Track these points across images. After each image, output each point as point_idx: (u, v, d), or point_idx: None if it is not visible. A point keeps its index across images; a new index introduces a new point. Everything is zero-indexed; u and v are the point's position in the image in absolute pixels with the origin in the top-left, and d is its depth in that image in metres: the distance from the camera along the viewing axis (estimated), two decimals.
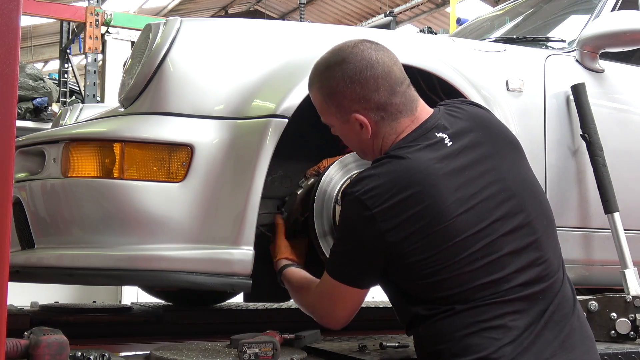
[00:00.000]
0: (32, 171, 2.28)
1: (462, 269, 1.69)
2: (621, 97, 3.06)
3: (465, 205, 1.70)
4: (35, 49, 17.50)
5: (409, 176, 1.70)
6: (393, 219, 1.68)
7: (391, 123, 1.82)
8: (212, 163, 2.10)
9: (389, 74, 1.80)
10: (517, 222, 1.76)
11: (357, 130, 1.85)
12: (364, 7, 17.35)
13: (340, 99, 1.82)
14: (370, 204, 1.69)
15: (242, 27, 2.38)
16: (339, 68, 1.81)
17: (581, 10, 3.39)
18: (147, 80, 2.17)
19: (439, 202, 1.68)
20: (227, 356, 2.02)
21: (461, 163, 1.74)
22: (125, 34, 8.17)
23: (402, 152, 1.75)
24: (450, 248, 1.68)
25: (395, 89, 1.81)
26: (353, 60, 1.80)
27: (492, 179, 1.76)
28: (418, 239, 1.68)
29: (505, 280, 1.70)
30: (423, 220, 1.67)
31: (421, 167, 1.71)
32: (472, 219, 1.70)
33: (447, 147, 1.76)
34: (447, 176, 1.71)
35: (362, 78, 1.79)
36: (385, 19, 8.80)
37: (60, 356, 1.72)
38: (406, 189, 1.69)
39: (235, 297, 3.82)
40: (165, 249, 2.09)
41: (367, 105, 1.80)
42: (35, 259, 2.21)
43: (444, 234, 1.68)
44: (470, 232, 1.69)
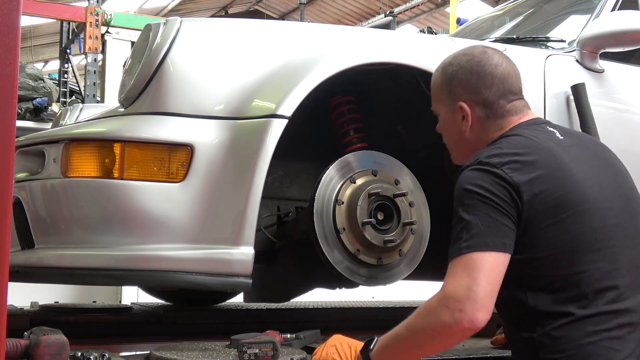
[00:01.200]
0: (32, 171, 2.28)
1: (580, 245, 1.67)
2: (621, 97, 3.06)
3: (589, 182, 1.72)
4: (35, 49, 17.49)
5: (531, 145, 1.74)
6: (522, 175, 1.67)
7: (496, 120, 1.87)
8: (212, 163, 2.10)
9: (506, 79, 1.87)
10: (630, 225, 1.76)
11: (458, 122, 1.90)
12: (364, 7, 17.35)
13: (454, 85, 1.89)
14: (496, 163, 1.69)
15: (242, 27, 2.38)
16: (465, 58, 1.90)
17: (581, 10, 3.39)
18: (147, 80, 2.17)
19: (565, 171, 1.71)
20: (227, 356, 2.02)
21: (573, 154, 1.77)
22: (125, 34, 8.17)
23: (517, 131, 1.82)
24: (580, 213, 1.68)
25: (508, 95, 1.87)
26: (479, 57, 1.89)
27: (603, 173, 1.79)
28: (549, 199, 1.66)
29: (615, 280, 1.68)
30: (552, 182, 1.68)
31: (541, 141, 1.76)
32: (597, 195, 1.72)
33: (559, 139, 1.81)
34: (566, 155, 1.75)
35: (482, 72, 1.86)
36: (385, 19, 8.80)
37: (60, 356, 1.72)
38: (530, 154, 1.71)
39: (235, 297, 3.82)
40: (165, 249, 2.09)
41: (476, 97, 1.86)
42: (35, 259, 2.21)
43: (574, 198, 1.68)
44: (590, 209, 1.69)
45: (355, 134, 2.56)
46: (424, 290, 4.67)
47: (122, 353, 2.22)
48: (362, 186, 2.38)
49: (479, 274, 1.59)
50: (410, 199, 2.46)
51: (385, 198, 2.40)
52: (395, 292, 4.08)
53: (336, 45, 2.39)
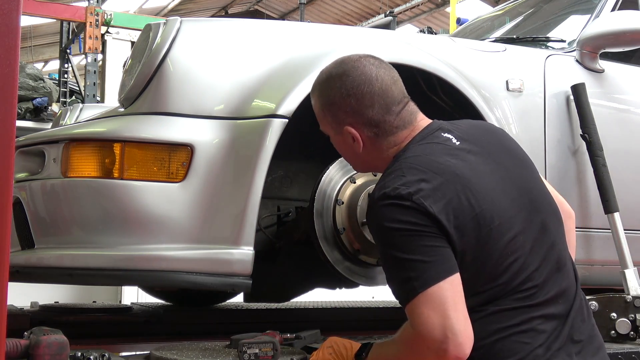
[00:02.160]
0: (32, 171, 2.28)
1: (496, 261, 1.67)
2: (621, 97, 3.06)
3: (492, 193, 1.69)
4: (35, 49, 17.50)
5: (431, 166, 1.68)
6: (434, 203, 1.61)
7: (387, 138, 1.80)
8: (212, 163, 2.10)
9: (386, 93, 1.79)
10: (536, 221, 1.75)
11: (349, 143, 1.84)
12: (364, 7, 17.35)
13: (335, 110, 1.82)
14: (405, 195, 1.61)
15: (242, 27, 2.38)
16: (339, 80, 1.80)
17: (581, 10, 3.39)
18: (147, 80, 2.17)
19: (468, 186, 1.66)
20: (227, 356, 2.02)
21: (472, 159, 1.74)
22: (125, 34, 8.17)
23: (413, 150, 1.75)
24: (492, 231, 1.66)
25: (391, 108, 1.79)
26: (353, 74, 1.79)
27: (503, 175, 1.75)
28: (464, 222, 1.63)
29: (531, 280, 1.69)
30: (461, 204, 1.64)
31: (439, 159, 1.70)
32: (499, 209, 1.68)
33: (455, 145, 1.76)
34: (463, 167, 1.70)
35: (359, 93, 1.78)
36: (385, 19, 8.80)
37: (60, 356, 1.72)
38: (434, 179, 1.65)
39: (235, 297, 3.82)
40: (165, 249, 2.09)
41: (361, 119, 1.79)
42: (35, 259, 2.21)
43: (484, 216, 1.65)
44: (501, 222, 1.67)
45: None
46: None
47: (122, 353, 2.22)
48: (363, 186, 2.38)
49: (446, 308, 1.57)
50: None
51: None
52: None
53: (336, 45, 2.39)
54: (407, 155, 1.74)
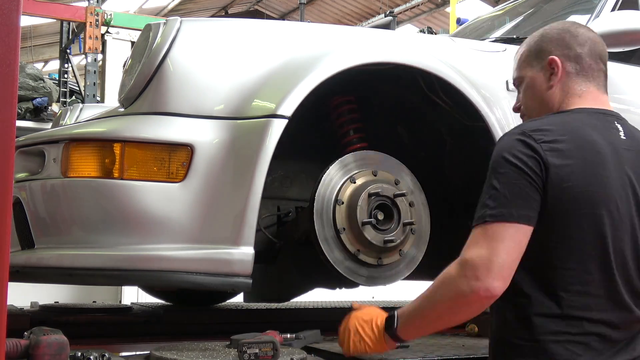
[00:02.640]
0: (32, 171, 2.28)
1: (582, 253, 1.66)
2: (621, 97, 3.06)
3: (619, 190, 1.69)
4: (35, 49, 17.50)
5: (577, 133, 1.71)
6: (556, 159, 1.65)
7: (581, 82, 1.85)
8: (212, 163, 2.10)
9: (597, 45, 1.87)
10: (632, 244, 1.71)
11: (545, 79, 1.87)
12: (364, 7, 17.35)
13: (545, 43, 1.88)
14: (537, 138, 1.67)
15: (242, 27, 2.37)
16: (557, 24, 1.93)
17: (581, 10, 3.39)
18: (147, 80, 2.17)
19: (601, 169, 1.68)
20: (227, 356, 2.02)
21: (625, 157, 1.74)
22: (125, 34, 8.17)
23: (577, 114, 1.79)
24: (591, 215, 1.65)
25: (597, 59, 1.86)
26: (572, 23, 1.94)
27: (635, 188, 1.73)
28: (573, 190, 1.64)
29: (604, 297, 1.67)
30: (582, 175, 1.65)
31: (591, 133, 1.72)
32: (619, 206, 1.68)
33: (620, 137, 1.77)
34: (609, 155, 1.71)
35: (574, 30, 1.87)
36: (385, 19, 8.81)
37: (60, 356, 1.72)
38: (572, 142, 1.68)
39: (235, 297, 3.82)
40: (165, 249, 2.09)
41: (568, 52, 1.85)
42: (35, 259, 2.21)
43: (598, 199, 1.65)
44: (612, 216, 1.66)
45: (355, 134, 2.56)
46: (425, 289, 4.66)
47: (122, 353, 2.22)
48: (362, 186, 2.38)
49: (500, 245, 1.61)
50: (410, 199, 2.46)
51: (385, 198, 2.40)
52: (395, 292, 4.07)
53: (336, 45, 2.39)
54: (572, 111, 1.80)
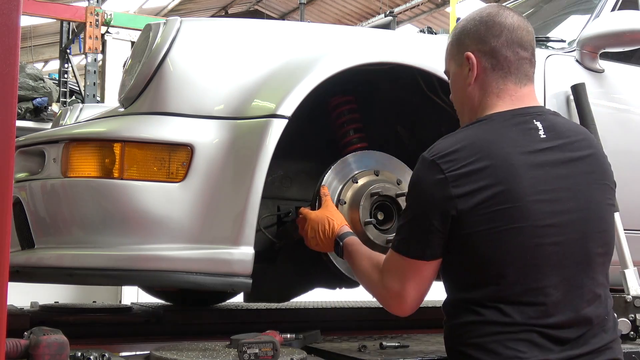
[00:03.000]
0: (32, 171, 2.28)
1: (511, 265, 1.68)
2: (621, 97, 3.06)
3: (535, 196, 1.68)
4: (35, 49, 17.49)
5: (489, 148, 1.70)
6: (465, 186, 1.67)
7: (497, 79, 1.83)
8: (212, 163, 2.10)
9: (516, 31, 1.83)
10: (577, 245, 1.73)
11: (465, 75, 1.87)
12: (364, 7, 17.35)
13: (464, 37, 1.88)
14: (445, 168, 1.69)
15: (242, 27, 2.37)
16: (477, 13, 1.90)
17: (581, 10, 3.39)
18: (147, 80, 2.17)
19: (513, 182, 1.67)
20: (227, 356, 2.02)
21: (545, 158, 1.73)
22: (125, 34, 8.17)
23: (493, 124, 1.77)
24: (512, 231, 1.67)
25: (515, 48, 1.82)
26: (491, 10, 1.88)
27: (570, 185, 1.74)
28: (486, 211, 1.66)
29: (549, 303, 1.68)
30: (494, 193, 1.66)
31: (504, 145, 1.72)
32: (542, 212, 1.68)
33: (539, 137, 1.76)
34: (526, 163, 1.70)
35: (490, 21, 1.84)
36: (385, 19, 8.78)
37: (60, 356, 1.72)
38: (483, 160, 1.68)
39: (235, 297, 3.82)
40: (165, 249, 2.09)
41: (483, 46, 1.83)
42: (35, 259, 2.21)
43: (514, 213, 1.66)
44: (538, 224, 1.68)
45: (355, 134, 2.56)
46: None
47: (122, 353, 2.22)
48: (365, 186, 2.38)
49: (408, 282, 1.79)
50: None
51: (387, 198, 2.40)
52: None
53: (336, 45, 2.39)
54: (484, 125, 1.78)
